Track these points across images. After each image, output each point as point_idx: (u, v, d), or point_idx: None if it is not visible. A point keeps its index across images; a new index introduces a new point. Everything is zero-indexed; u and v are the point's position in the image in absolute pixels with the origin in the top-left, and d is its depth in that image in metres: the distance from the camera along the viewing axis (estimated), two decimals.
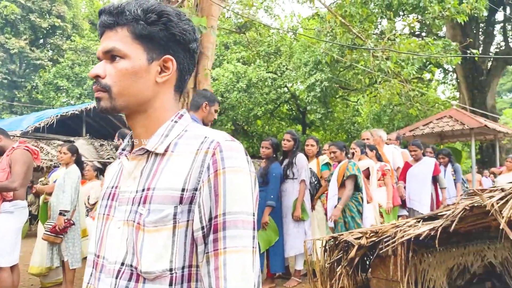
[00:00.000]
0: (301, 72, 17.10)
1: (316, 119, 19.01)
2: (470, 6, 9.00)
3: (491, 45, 18.50)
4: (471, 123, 9.34)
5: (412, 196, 6.08)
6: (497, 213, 2.74)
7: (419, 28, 17.17)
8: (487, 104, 16.58)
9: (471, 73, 16.69)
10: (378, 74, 8.92)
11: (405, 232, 3.30)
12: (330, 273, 3.97)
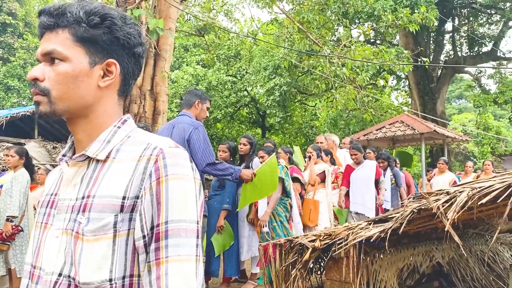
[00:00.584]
0: (260, 76, 17.22)
1: (275, 123, 19.19)
2: (421, 16, 9.38)
3: (441, 53, 19.38)
4: (421, 128, 9.74)
5: (356, 200, 5.97)
6: (443, 215, 2.87)
7: (374, 36, 17.74)
8: (437, 110, 17.34)
9: (422, 80, 17.42)
10: (334, 80, 9.14)
11: (357, 234, 3.40)
12: (285, 276, 4.02)
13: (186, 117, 3.62)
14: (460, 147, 23.12)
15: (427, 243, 4.89)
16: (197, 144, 3.39)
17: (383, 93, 19.57)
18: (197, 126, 3.47)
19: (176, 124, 3.60)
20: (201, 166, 3.38)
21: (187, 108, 3.65)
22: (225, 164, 3.58)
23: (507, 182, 2.63)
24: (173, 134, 3.50)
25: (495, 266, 5.99)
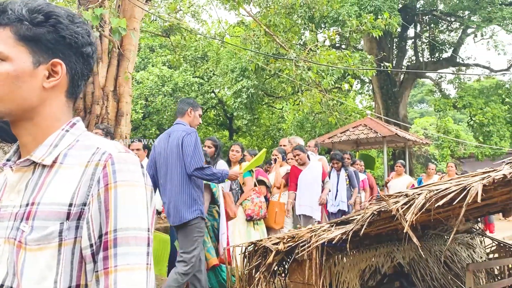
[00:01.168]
0: (228, 78, 17.20)
1: (243, 125, 19.21)
2: (384, 22, 9.62)
3: (403, 59, 19.95)
4: (384, 132, 9.99)
5: (303, 202, 5.72)
6: (402, 217, 2.93)
7: (339, 41, 18.10)
8: (400, 113, 17.82)
9: (386, 85, 17.87)
10: (300, 83, 9.23)
11: (319, 236, 3.43)
12: (249, 279, 4.01)
13: (181, 125, 3.78)
14: (421, 150, 23.86)
15: (389, 244, 5.00)
16: (188, 149, 3.52)
17: (348, 97, 19.96)
18: (189, 132, 3.63)
19: (171, 132, 3.74)
20: (189, 170, 3.49)
21: (181, 117, 3.83)
22: (213, 169, 3.69)
23: (462, 184, 2.71)
24: (169, 142, 3.65)
25: (453, 266, 6.19)
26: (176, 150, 3.55)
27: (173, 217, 3.53)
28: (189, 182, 3.56)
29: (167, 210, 3.60)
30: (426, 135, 19.70)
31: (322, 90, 9.61)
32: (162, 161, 3.69)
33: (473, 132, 17.75)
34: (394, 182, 7.81)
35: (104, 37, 6.90)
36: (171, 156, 3.61)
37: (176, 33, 10.98)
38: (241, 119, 18.45)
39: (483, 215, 6.31)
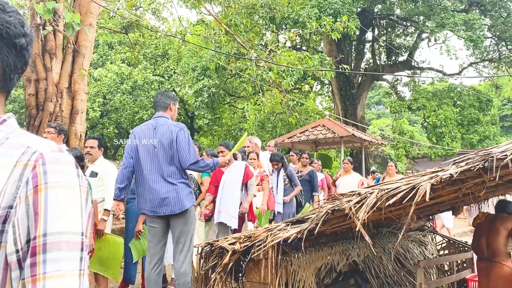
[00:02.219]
0: (189, 76, 17.03)
1: (204, 125, 19.09)
2: (343, 25, 9.81)
3: (361, 61, 20.44)
4: (341, 132, 10.22)
5: (221, 208, 4.96)
6: (354, 215, 3.00)
7: (300, 42, 18.31)
8: (358, 115, 18.26)
9: (344, 86, 18.26)
10: (261, 83, 9.27)
11: (275, 236, 3.45)
12: (206, 280, 3.97)
13: (165, 118, 3.77)
14: (378, 150, 24.56)
15: (344, 242, 5.10)
16: (183, 145, 3.59)
17: (308, 97, 20.25)
18: (182, 127, 3.70)
19: (157, 126, 3.69)
20: (185, 164, 3.59)
21: (163, 110, 3.81)
22: (205, 161, 3.76)
23: (411, 184, 2.80)
24: (158, 135, 3.63)
25: (406, 263, 6.39)
26: (168, 144, 3.58)
27: (172, 206, 3.56)
28: (183, 173, 3.65)
29: (159, 201, 3.57)
30: (382, 135, 20.30)
31: (282, 91, 9.69)
32: (148, 153, 3.63)
33: (427, 133, 18.44)
34: (342, 179, 7.83)
35: (58, 32, 6.66)
36: (162, 149, 3.61)
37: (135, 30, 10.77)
38: (202, 119, 18.33)
39: (434, 213, 6.57)
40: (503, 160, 2.41)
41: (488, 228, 4.62)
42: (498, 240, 4.46)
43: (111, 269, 4.15)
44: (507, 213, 4.58)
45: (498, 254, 4.43)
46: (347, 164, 7.84)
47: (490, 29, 17.80)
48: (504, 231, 4.45)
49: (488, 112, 18.64)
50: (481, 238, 4.66)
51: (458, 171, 2.59)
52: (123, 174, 3.63)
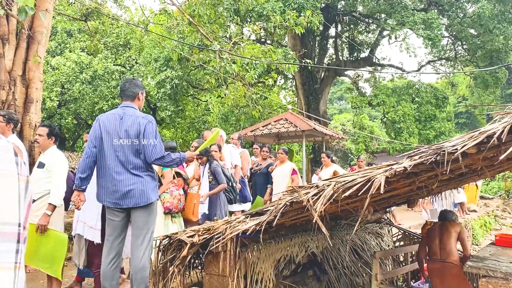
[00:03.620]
0: (151, 67, 16.69)
1: (167, 116, 18.78)
2: (306, 20, 9.88)
3: (324, 57, 20.72)
4: (303, 126, 10.33)
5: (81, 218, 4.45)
6: (311, 207, 3.03)
7: (264, 36, 18.33)
8: (320, 109, 18.52)
9: (308, 81, 18.46)
10: (224, 76, 9.21)
11: (234, 228, 3.44)
12: (164, 273, 3.92)
13: (132, 109, 3.63)
14: (339, 145, 25.05)
15: (303, 234, 5.17)
16: (150, 138, 3.48)
17: (272, 91, 20.32)
18: (150, 120, 3.57)
19: (124, 116, 3.55)
20: (150, 159, 3.48)
21: (131, 100, 3.66)
22: (171, 156, 3.65)
23: (367, 176, 2.86)
24: (124, 126, 3.49)
25: (363, 254, 6.56)
26: (134, 135, 3.47)
27: (137, 198, 3.45)
28: (149, 166, 3.55)
29: (122, 193, 3.44)
30: (344, 130, 20.71)
31: (246, 84, 9.67)
32: (112, 144, 3.49)
33: (386, 129, 18.97)
34: (323, 173, 7.91)
35: (11, 17, 6.34)
36: (127, 140, 3.49)
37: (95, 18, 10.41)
38: (164, 110, 18.01)
39: (390, 206, 6.77)
40: (453, 154, 2.49)
41: (440, 232, 4.89)
42: (451, 242, 4.75)
43: (54, 266, 3.99)
44: (449, 220, 4.91)
45: (451, 255, 4.70)
46: (324, 159, 7.93)
47: (448, 28, 18.46)
48: (455, 234, 4.79)
49: (444, 109, 19.38)
50: (434, 241, 4.92)
51: (412, 164, 2.66)
52: (85, 163, 3.47)
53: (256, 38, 16.32)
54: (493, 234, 5.07)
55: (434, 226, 5.09)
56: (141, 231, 3.46)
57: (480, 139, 2.39)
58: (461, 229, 4.83)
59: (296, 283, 4.92)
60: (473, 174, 4.58)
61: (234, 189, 5.88)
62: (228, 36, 14.22)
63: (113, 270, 3.49)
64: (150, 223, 3.53)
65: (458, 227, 4.83)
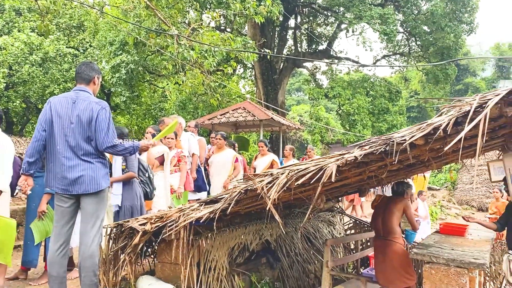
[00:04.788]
0: (106, 51, 16.13)
1: (121, 102, 18.26)
2: (266, 9, 9.86)
3: (284, 47, 20.82)
4: (260, 115, 10.37)
5: None
6: (265, 195, 3.05)
7: (224, 23, 18.16)
8: (278, 100, 18.65)
9: (267, 71, 18.51)
10: (182, 62, 9.05)
11: (188, 215, 3.42)
12: (115, 261, 3.84)
13: (86, 93, 3.51)
14: (296, 136, 25.39)
15: (258, 223, 5.22)
16: (102, 125, 3.38)
17: (231, 80, 20.22)
18: (104, 106, 3.46)
19: (77, 100, 3.42)
20: (101, 147, 3.39)
21: (86, 84, 3.54)
22: (125, 144, 3.54)
23: (320, 165, 2.91)
24: (76, 110, 3.37)
25: (315, 242, 6.73)
26: (86, 121, 3.35)
27: (86, 185, 3.35)
28: (100, 152, 3.46)
29: (72, 179, 3.32)
30: (301, 121, 20.99)
31: (204, 71, 9.56)
32: (63, 128, 3.33)
33: (341, 120, 19.41)
34: (258, 161, 7.77)
35: None
36: (79, 126, 3.36)
37: None
38: (119, 96, 17.48)
39: (342, 195, 6.95)
40: (402, 144, 2.58)
41: (383, 210, 5.03)
42: (392, 220, 4.89)
43: (3, 253, 3.82)
44: (400, 192, 5.00)
45: (392, 233, 4.86)
46: (261, 148, 7.81)
47: (403, 24, 19.04)
48: (397, 212, 4.92)
49: (397, 102, 20.06)
50: (378, 218, 5.07)
51: (362, 153, 2.73)
52: (33, 147, 3.31)
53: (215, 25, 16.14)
54: (439, 223, 5.33)
55: (380, 203, 5.20)
56: (90, 218, 3.35)
57: (427, 131, 2.48)
58: (405, 206, 4.92)
59: (250, 270, 4.97)
60: (421, 165, 4.78)
61: (151, 182, 5.21)
62: (187, 22, 13.96)
63: (61, 258, 3.38)
64: (99, 210, 3.42)
65: (401, 204, 4.91)
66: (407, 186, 5.12)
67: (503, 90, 2.21)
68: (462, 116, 2.36)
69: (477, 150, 2.07)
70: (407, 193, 5.07)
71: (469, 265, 3.48)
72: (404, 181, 5.32)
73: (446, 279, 3.55)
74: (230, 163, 6.62)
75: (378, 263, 5.04)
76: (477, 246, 4.20)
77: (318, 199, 4.52)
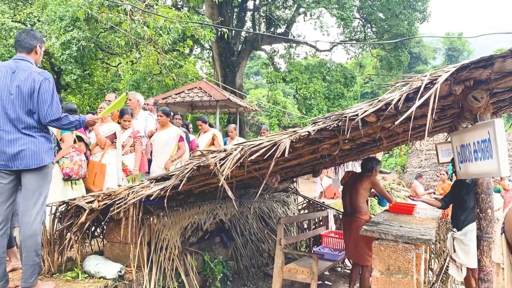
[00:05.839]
0: (55, 26, 15.28)
1: (72, 81, 17.48)
2: None
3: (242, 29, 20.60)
4: (217, 96, 10.23)
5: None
6: (218, 171, 2.99)
7: (181, 1, 17.69)
8: (236, 82, 18.51)
9: (225, 53, 18.28)
10: (135, 39, 8.74)
11: (137, 193, 3.30)
12: (60, 241, 3.67)
13: (27, 62, 3.27)
14: (254, 119, 25.42)
15: (212, 202, 5.17)
16: (45, 97, 3.16)
17: (188, 61, 19.83)
18: (48, 77, 3.24)
19: (17, 70, 3.18)
20: (45, 120, 3.18)
21: (27, 53, 3.31)
22: (70, 118, 3.33)
23: (273, 141, 2.88)
24: (16, 81, 3.13)
25: (270, 221, 6.78)
26: (28, 93, 3.14)
27: (28, 160, 3.15)
28: (43, 126, 3.25)
29: (12, 154, 3.10)
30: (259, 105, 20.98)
31: (159, 49, 9.28)
32: (1, 99, 3.08)
33: (298, 105, 19.56)
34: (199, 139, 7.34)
35: None
36: (20, 98, 3.12)
37: None
38: (70, 74, 16.71)
39: (297, 175, 7.02)
40: (354, 120, 2.59)
41: (350, 188, 5.16)
42: (357, 198, 5.07)
43: None
44: (369, 169, 5.11)
45: (357, 210, 5.05)
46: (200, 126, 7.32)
47: (359, 10, 19.31)
48: (363, 191, 5.09)
49: (352, 88, 20.45)
50: (346, 196, 5.22)
51: (315, 129, 2.72)
52: None
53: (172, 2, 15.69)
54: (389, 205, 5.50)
55: (348, 181, 5.34)
56: (32, 196, 3.16)
57: (378, 106, 2.49)
58: (372, 183, 5.07)
59: (203, 249, 4.93)
60: (373, 146, 4.88)
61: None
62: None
63: (0, 237, 3.17)
64: (43, 187, 3.23)
65: (367, 182, 5.07)
66: (376, 162, 5.26)
67: (452, 67, 2.25)
68: (413, 93, 2.39)
69: (427, 123, 2.09)
70: (376, 170, 5.20)
71: (416, 241, 3.59)
72: (373, 157, 5.46)
73: (394, 255, 3.66)
74: (174, 142, 5.99)
75: (345, 239, 5.28)
76: (424, 224, 4.35)
77: (273, 178, 4.53)
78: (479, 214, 3.03)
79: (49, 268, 3.54)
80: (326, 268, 5.65)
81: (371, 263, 4.93)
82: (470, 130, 2.75)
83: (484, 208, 3.01)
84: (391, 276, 3.63)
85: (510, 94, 3.09)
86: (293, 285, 6.09)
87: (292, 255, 6.44)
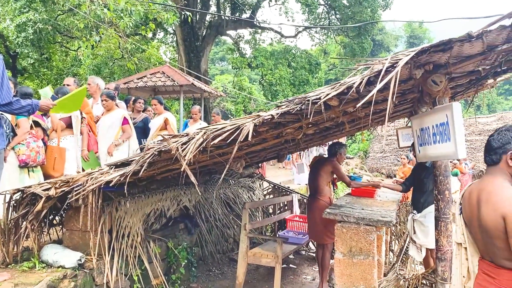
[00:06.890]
0: (10, 7, 14.54)
1: (29, 65, 16.73)
2: None
3: (206, 14, 20.24)
4: (181, 80, 10.03)
5: None
6: (180, 156, 2.93)
7: None
8: (201, 68, 18.23)
9: (189, 37, 17.93)
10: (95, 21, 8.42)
11: (96, 179, 3.19)
12: (16, 230, 3.52)
13: None
14: (220, 106, 25.23)
15: (176, 189, 5.10)
16: None
17: (151, 46, 19.36)
18: None
19: None
20: None
21: None
22: (21, 102, 3.15)
23: (237, 124, 2.84)
24: None
25: (235, 207, 6.78)
26: None
27: None
28: None
29: None
30: (225, 91, 20.82)
31: (120, 33, 8.99)
32: None
33: (263, 91, 19.55)
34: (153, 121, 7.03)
35: None
36: None
37: None
38: (26, 58, 15.97)
39: (262, 160, 7.03)
40: (317, 103, 2.58)
41: (313, 172, 5.35)
42: (319, 180, 5.23)
43: None
44: (333, 153, 5.35)
45: (319, 192, 5.21)
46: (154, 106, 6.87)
47: None
48: (324, 174, 5.24)
49: (316, 74, 20.60)
50: (311, 179, 5.36)
51: (279, 112, 2.70)
52: None
53: None
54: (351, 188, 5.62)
55: (315, 164, 5.54)
56: None
57: (340, 90, 2.50)
58: (332, 167, 5.24)
59: (166, 236, 4.87)
60: (336, 130, 4.93)
61: None
62: None
63: None
64: None
65: (328, 166, 5.26)
66: (340, 146, 5.43)
67: (412, 50, 2.27)
68: (375, 76, 2.40)
69: (388, 106, 2.11)
70: (340, 153, 5.37)
71: (377, 223, 3.68)
72: (338, 142, 5.70)
73: (356, 237, 3.73)
74: (118, 125, 5.62)
75: (307, 218, 5.51)
76: (384, 206, 4.46)
77: (238, 163, 4.51)
78: (437, 196, 3.13)
79: (4, 258, 3.40)
80: (291, 251, 5.72)
81: (330, 243, 5.07)
82: (429, 114, 2.80)
83: (442, 190, 3.11)
84: (353, 258, 3.71)
85: (467, 78, 3.18)
86: (258, 269, 6.14)
87: (257, 240, 6.48)
